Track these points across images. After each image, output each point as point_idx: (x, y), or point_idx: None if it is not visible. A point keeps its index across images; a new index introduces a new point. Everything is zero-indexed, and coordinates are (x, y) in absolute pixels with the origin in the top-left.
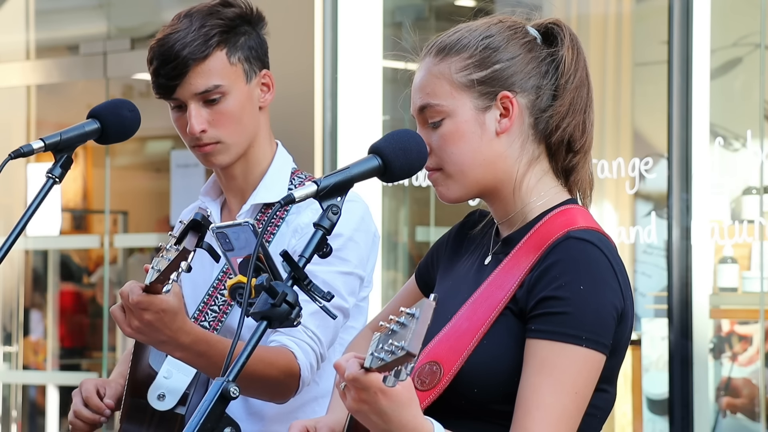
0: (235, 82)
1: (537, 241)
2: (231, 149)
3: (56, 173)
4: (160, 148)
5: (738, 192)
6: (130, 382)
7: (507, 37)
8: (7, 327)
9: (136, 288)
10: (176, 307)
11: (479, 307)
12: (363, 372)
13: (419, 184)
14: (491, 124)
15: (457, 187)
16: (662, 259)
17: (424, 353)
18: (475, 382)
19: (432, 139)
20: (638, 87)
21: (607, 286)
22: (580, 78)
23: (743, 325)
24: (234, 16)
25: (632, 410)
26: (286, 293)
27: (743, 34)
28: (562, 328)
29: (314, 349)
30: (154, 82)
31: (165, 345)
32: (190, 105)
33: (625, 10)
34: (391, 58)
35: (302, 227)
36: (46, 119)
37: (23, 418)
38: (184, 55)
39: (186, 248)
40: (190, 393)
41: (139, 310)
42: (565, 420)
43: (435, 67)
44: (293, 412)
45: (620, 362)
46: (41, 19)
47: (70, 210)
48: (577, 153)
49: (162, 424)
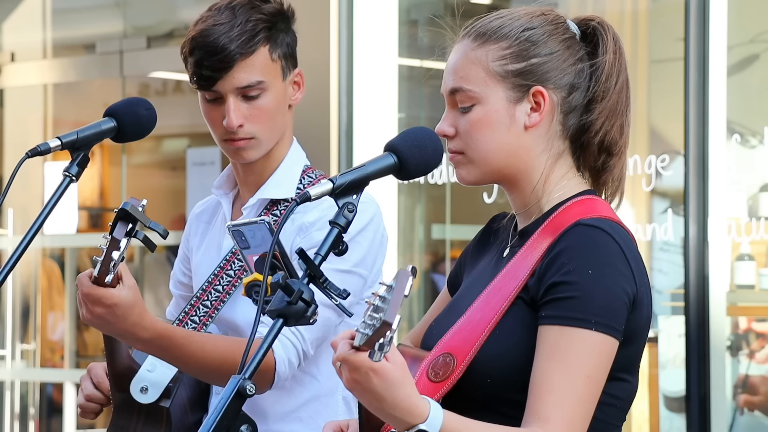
0: (274, 78)
1: (550, 230)
2: (263, 145)
3: (73, 171)
4: (176, 146)
5: (755, 189)
6: (111, 375)
7: (548, 31)
8: (25, 324)
9: (85, 279)
10: (130, 302)
11: (493, 297)
12: (353, 351)
13: (435, 182)
14: (521, 117)
15: (478, 172)
16: (679, 257)
17: (439, 345)
18: (488, 373)
19: (459, 123)
20: (655, 84)
21: (616, 271)
22: (622, 80)
23: (761, 322)
24: (275, 12)
25: (649, 408)
26: (302, 291)
27: (760, 31)
28: (571, 313)
29: (295, 345)
30: (195, 73)
31: (123, 338)
32: (228, 98)
33: (641, 8)
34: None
35: (307, 226)
36: (62, 118)
37: (41, 416)
38: (231, 48)
39: (115, 237)
40: (173, 387)
41: (91, 303)
42: (579, 404)
43: (472, 52)
44: (295, 411)
45: (639, 351)
46: (58, 18)
47: (86, 208)
48: (613, 155)
49: (150, 417)
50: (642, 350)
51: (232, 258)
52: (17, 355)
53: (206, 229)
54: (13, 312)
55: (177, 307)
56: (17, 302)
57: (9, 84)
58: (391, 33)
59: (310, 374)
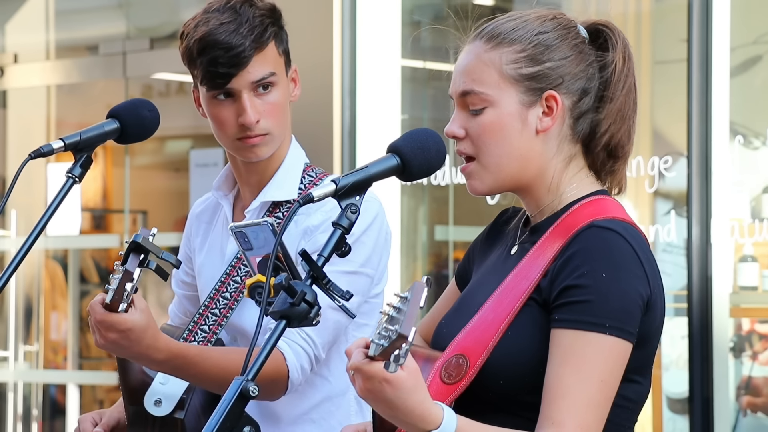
0: (281, 72)
1: (563, 231)
2: (275, 141)
3: (76, 173)
4: (179, 147)
5: (758, 190)
6: (124, 390)
7: (561, 36)
8: (28, 326)
9: (97, 306)
10: (143, 326)
11: (505, 297)
12: (367, 361)
13: (438, 183)
14: (533, 121)
15: (491, 180)
16: (682, 258)
17: (452, 346)
18: (500, 374)
19: (469, 125)
20: (657, 85)
21: (630, 274)
22: (629, 84)
23: (764, 323)
24: (271, 8)
25: (652, 409)
26: (305, 292)
27: (763, 32)
28: (585, 317)
29: (307, 351)
30: (210, 72)
31: (138, 360)
32: (243, 95)
33: (644, 8)
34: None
35: (312, 229)
36: (65, 119)
37: (44, 417)
38: (246, 44)
39: (128, 270)
40: (187, 398)
41: (104, 329)
42: (592, 408)
43: (485, 54)
44: (307, 413)
45: (652, 353)
46: (61, 19)
47: (89, 209)
48: (619, 159)
49: (164, 429)
50: (655, 352)
51: (238, 264)
52: (20, 356)
53: (207, 229)
54: (16, 313)
55: (179, 306)
56: (20, 303)
57: (12, 85)
58: (394, 34)
59: (322, 376)
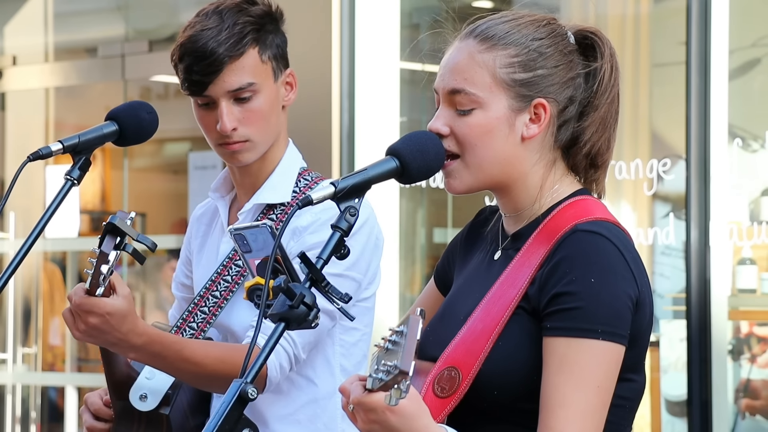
0: (265, 80)
1: (546, 236)
2: (258, 147)
3: (75, 175)
4: (178, 150)
5: (757, 193)
6: (110, 384)
7: (554, 43)
8: (26, 328)
9: (79, 291)
10: (124, 310)
11: (493, 306)
12: (367, 393)
13: (437, 186)
14: (519, 127)
15: (471, 180)
16: (681, 261)
17: (442, 359)
18: (494, 384)
19: (455, 124)
20: (656, 88)
21: (618, 276)
22: (614, 93)
23: (762, 326)
24: (262, 14)
25: (651, 412)
26: (303, 295)
27: (762, 35)
28: (577, 323)
29: (286, 350)
30: (186, 79)
31: (116, 347)
32: (221, 103)
33: (643, 11)
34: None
35: (300, 230)
36: (64, 121)
37: (42, 420)
38: (219, 52)
39: (103, 252)
40: (173, 393)
41: (84, 313)
42: (590, 415)
43: (479, 55)
44: (293, 414)
45: (644, 350)
46: (59, 21)
47: (88, 212)
48: (598, 167)
49: (150, 424)
50: (646, 348)
51: (229, 263)
52: (18, 358)
53: (207, 231)
54: (15, 315)
55: (179, 310)
56: (18, 306)
57: (11, 87)
58: (393, 36)
59: (307, 378)
